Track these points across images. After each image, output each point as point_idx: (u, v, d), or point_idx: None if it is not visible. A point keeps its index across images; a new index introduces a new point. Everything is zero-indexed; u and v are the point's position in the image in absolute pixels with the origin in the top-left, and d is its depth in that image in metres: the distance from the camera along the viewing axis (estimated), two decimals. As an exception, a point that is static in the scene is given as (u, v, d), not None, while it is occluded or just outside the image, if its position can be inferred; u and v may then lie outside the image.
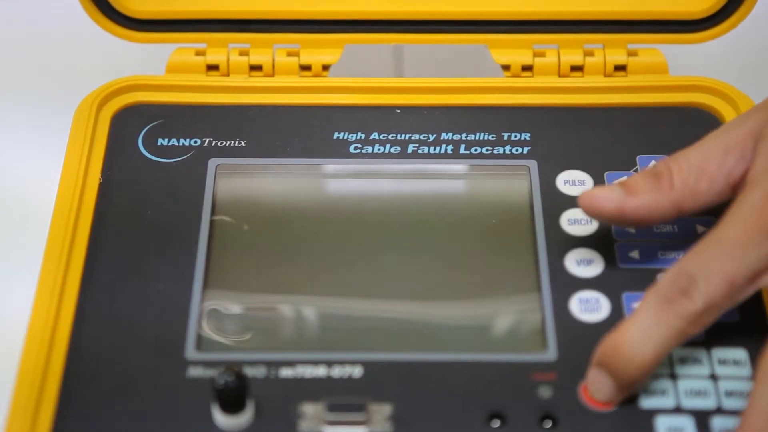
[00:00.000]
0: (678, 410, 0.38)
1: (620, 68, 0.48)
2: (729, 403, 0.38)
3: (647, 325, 0.36)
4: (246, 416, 0.38)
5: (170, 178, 0.44)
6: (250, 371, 0.39)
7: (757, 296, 0.40)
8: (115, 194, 0.43)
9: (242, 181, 0.45)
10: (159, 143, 0.45)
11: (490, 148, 0.45)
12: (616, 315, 0.40)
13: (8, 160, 0.49)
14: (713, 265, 0.36)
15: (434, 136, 0.45)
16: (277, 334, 0.41)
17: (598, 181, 0.44)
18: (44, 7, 0.54)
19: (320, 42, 0.48)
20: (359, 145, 0.45)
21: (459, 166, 0.45)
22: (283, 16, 0.47)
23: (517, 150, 0.45)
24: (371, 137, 0.45)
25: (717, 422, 0.37)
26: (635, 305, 0.40)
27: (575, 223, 0.43)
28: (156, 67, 0.48)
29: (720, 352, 0.39)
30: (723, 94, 0.46)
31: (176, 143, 0.45)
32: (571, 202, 0.43)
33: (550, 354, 0.39)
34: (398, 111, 0.46)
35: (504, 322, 0.41)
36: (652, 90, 0.47)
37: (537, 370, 0.39)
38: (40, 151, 0.49)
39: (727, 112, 0.46)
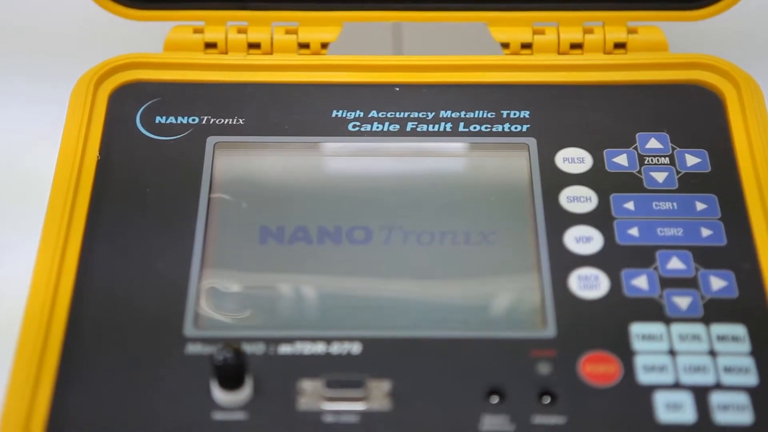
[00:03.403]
0: (677, 386, 0.38)
1: (620, 46, 0.47)
2: (728, 379, 0.38)
3: None
4: (245, 393, 0.38)
5: (168, 156, 0.44)
6: (248, 348, 0.39)
7: (756, 272, 0.40)
8: (113, 172, 0.43)
9: (240, 159, 0.45)
10: (157, 121, 0.45)
11: (489, 125, 0.45)
12: (616, 292, 0.40)
13: (6, 139, 0.49)
14: None
15: (433, 113, 0.45)
16: (276, 312, 0.40)
17: (598, 158, 0.44)
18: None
19: (319, 20, 0.47)
20: (358, 123, 0.45)
21: (458, 144, 0.45)
22: (281, -6, 0.47)
23: (516, 128, 0.45)
24: (370, 115, 0.45)
25: (716, 398, 0.37)
26: (634, 282, 0.40)
27: (574, 200, 0.43)
28: (154, 45, 0.48)
29: (719, 328, 0.39)
30: (723, 72, 0.46)
31: (174, 121, 0.45)
32: (570, 179, 0.43)
33: (549, 330, 0.39)
34: (397, 89, 0.46)
35: (503, 299, 0.41)
36: (651, 67, 0.47)
37: (536, 347, 0.39)
38: (38, 129, 0.49)
39: (727, 90, 0.46)
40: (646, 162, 0.44)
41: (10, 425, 0.37)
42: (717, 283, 0.40)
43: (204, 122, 0.45)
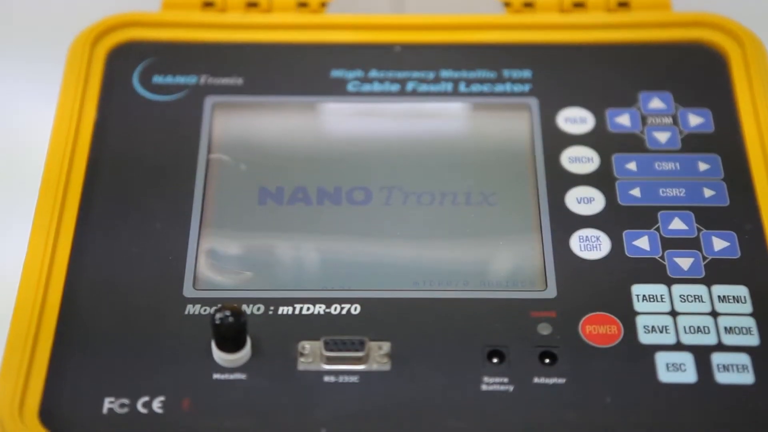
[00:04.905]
0: (678, 346, 0.38)
1: (623, 4, 0.47)
2: (729, 340, 0.38)
3: None
4: (244, 353, 0.37)
5: (166, 116, 0.44)
6: (248, 309, 0.38)
7: (758, 232, 0.40)
8: (111, 133, 0.43)
9: (239, 120, 0.44)
10: (154, 81, 0.45)
11: (490, 85, 0.45)
12: (617, 253, 0.40)
13: (1, 101, 0.48)
14: None
15: (434, 73, 0.45)
16: (276, 273, 0.40)
17: (600, 118, 0.44)
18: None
19: (318, -22, 0.47)
20: (357, 83, 0.45)
21: (459, 104, 0.44)
22: (280, -49, 0.47)
23: (517, 88, 0.45)
24: (370, 75, 0.45)
25: (717, 358, 0.37)
26: (636, 243, 0.40)
27: (576, 161, 0.42)
28: (151, 3, 0.48)
29: (720, 289, 0.39)
30: (727, 30, 0.46)
31: (172, 81, 0.45)
32: (572, 140, 0.43)
33: (550, 291, 0.39)
34: (397, 48, 0.46)
35: (504, 260, 0.41)
36: (655, 26, 0.46)
37: (536, 308, 0.38)
38: (34, 90, 0.48)
39: (731, 49, 0.45)
40: (648, 122, 0.43)
41: (9, 386, 0.37)
42: (719, 243, 0.40)
43: (202, 82, 0.45)
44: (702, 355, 0.37)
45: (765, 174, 0.42)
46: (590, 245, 0.40)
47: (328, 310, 0.38)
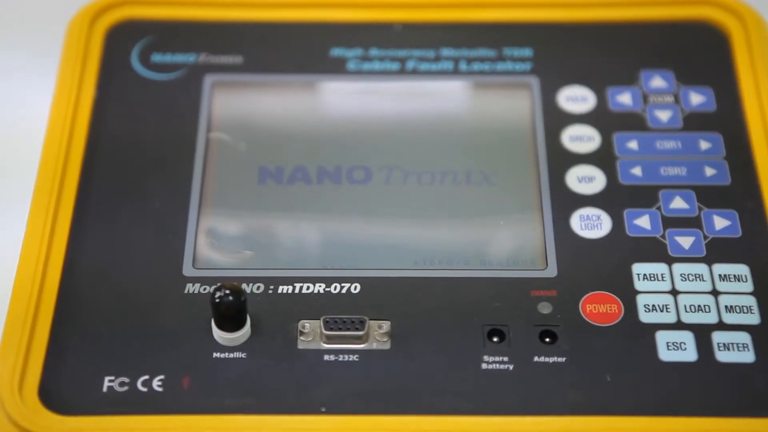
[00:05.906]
0: (679, 325, 0.38)
1: (625, -18, 0.47)
2: (729, 318, 0.38)
3: None
4: (244, 332, 0.37)
5: (165, 94, 0.43)
6: (248, 288, 0.38)
7: (760, 211, 0.40)
8: (110, 112, 0.43)
9: (238, 98, 0.44)
10: (153, 59, 0.44)
11: (491, 64, 0.44)
12: (618, 232, 0.40)
13: None
14: None
15: (434, 52, 0.45)
16: (275, 252, 0.40)
17: (601, 97, 0.43)
18: None
19: (317, -44, 0.47)
20: (358, 61, 0.44)
21: (459, 83, 0.44)
22: (279, -71, 0.46)
23: (518, 66, 0.44)
24: (370, 53, 0.45)
25: (717, 337, 0.37)
26: (636, 222, 0.40)
27: (577, 140, 0.42)
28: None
29: (721, 268, 0.39)
30: (729, 8, 0.45)
31: (171, 59, 0.44)
32: (573, 118, 0.43)
33: (551, 270, 0.39)
34: (399, 28, 0.45)
35: (504, 239, 0.40)
36: (656, 4, 0.46)
37: (537, 287, 0.38)
38: (32, 69, 0.48)
39: (733, 27, 0.45)
40: (650, 101, 0.43)
41: (8, 365, 0.37)
42: (720, 222, 0.40)
43: (201, 60, 0.44)
44: (702, 333, 0.37)
45: (766, 153, 0.42)
46: (591, 224, 0.40)
47: (328, 289, 0.38)
